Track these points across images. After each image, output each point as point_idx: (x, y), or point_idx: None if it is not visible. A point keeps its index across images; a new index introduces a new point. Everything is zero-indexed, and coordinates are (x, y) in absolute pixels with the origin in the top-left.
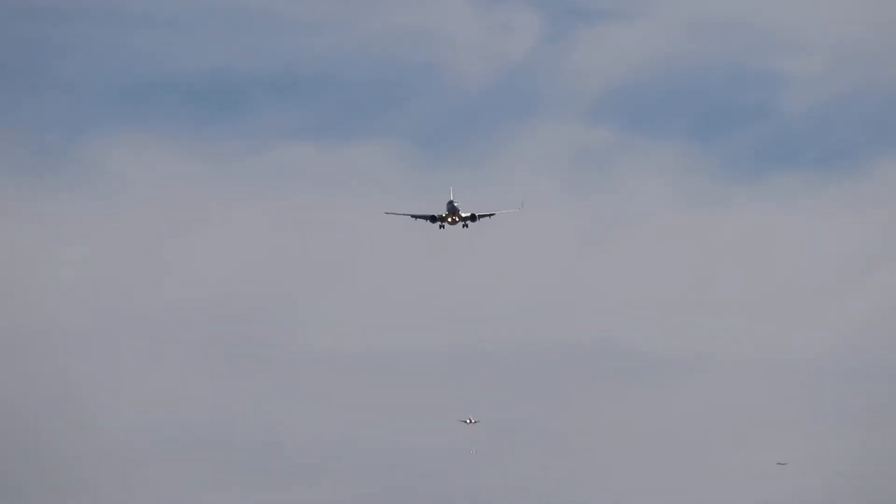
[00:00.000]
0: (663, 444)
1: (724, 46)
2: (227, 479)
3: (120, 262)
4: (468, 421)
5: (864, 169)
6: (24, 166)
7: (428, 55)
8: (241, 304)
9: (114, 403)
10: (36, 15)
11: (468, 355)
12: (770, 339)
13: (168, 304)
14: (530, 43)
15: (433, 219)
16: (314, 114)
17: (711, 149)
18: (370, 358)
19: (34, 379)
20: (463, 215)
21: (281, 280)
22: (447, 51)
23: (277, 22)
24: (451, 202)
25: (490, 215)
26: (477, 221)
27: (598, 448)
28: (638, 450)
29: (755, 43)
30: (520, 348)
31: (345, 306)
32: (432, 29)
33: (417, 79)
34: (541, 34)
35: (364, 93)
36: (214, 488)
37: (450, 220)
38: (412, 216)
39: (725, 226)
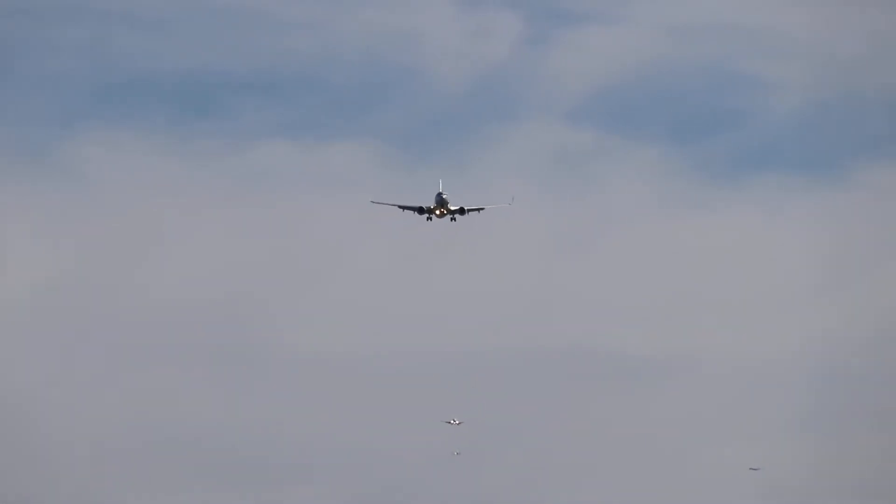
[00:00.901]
0: (644, 448)
1: (704, 50)
2: (213, 482)
3: (98, 261)
4: (452, 422)
5: (845, 174)
6: (0, 163)
7: (408, 56)
8: (220, 305)
9: (91, 407)
10: (14, 12)
11: (450, 357)
12: (750, 343)
13: (147, 304)
14: (511, 45)
15: (421, 210)
16: (294, 114)
17: (692, 152)
18: (352, 359)
19: (9, 382)
20: (452, 208)
21: (261, 281)
22: (428, 52)
23: (258, 22)
24: (439, 194)
25: (479, 209)
26: (466, 215)
27: (579, 450)
28: (619, 453)
29: (736, 46)
30: (498, 350)
31: (326, 307)
32: (413, 30)
33: (398, 80)
34: (521, 36)
35: (344, 93)
36: (200, 490)
37: (438, 212)
38: (400, 207)
39: (705, 229)
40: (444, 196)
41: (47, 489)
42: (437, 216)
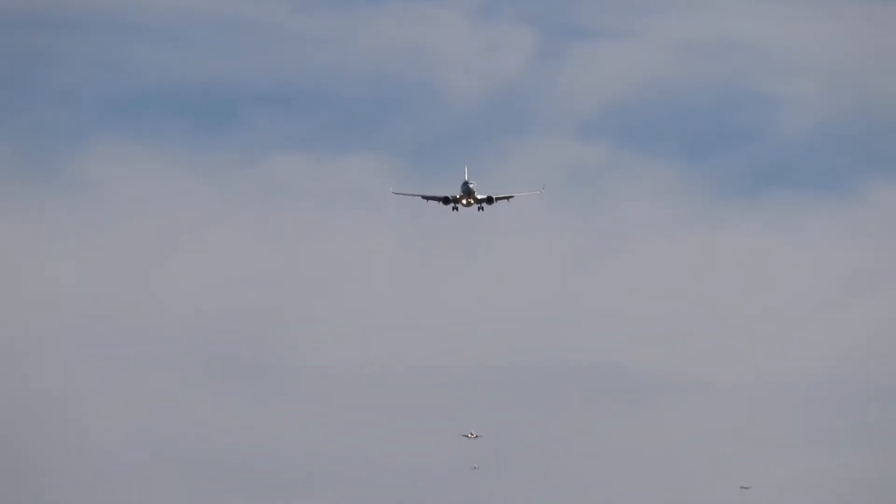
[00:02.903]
0: (658, 464)
1: (717, 66)
2: (231, 495)
3: (111, 273)
4: (470, 435)
5: (857, 192)
6: (15, 176)
7: (422, 71)
8: (233, 317)
9: (101, 417)
10: (29, 25)
11: (458, 371)
12: (760, 361)
13: (161, 316)
14: (523, 60)
15: (446, 200)
16: (308, 127)
17: (704, 168)
18: (367, 372)
19: (18, 392)
20: (479, 197)
21: (274, 294)
22: (441, 67)
23: (272, 35)
24: (465, 183)
25: (508, 198)
26: (494, 204)
27: (592, 465)
28: (633, 468)
29: (749, 64)
30: (507, 366)
31: (339, 319)
32: (427, 45)
33: (411, 94)
34: (534, 51)
35: (358, 107)
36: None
37: (464, 202)
38: (424, 197)
39: (717, 246)
40: (470, 185)
41: (49, 497)
42: (464, 205)
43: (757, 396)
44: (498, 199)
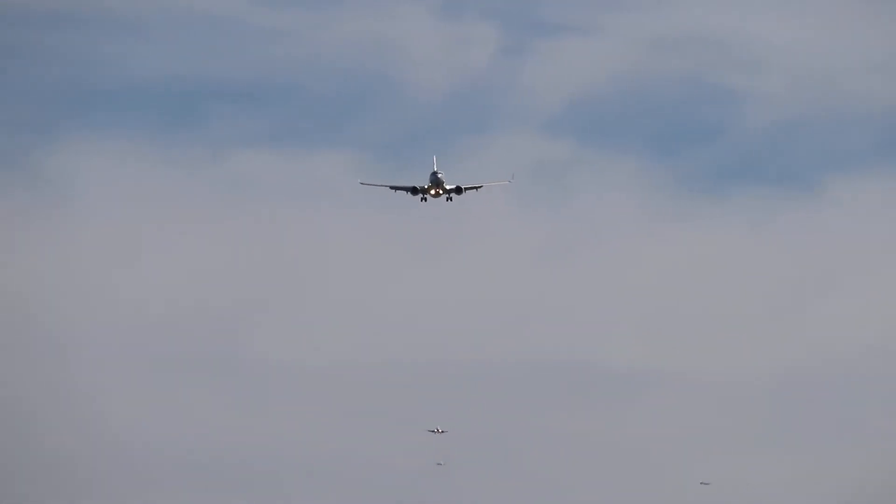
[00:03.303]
0: (623, 460)
1: (683, 62)
2: (194, 490)
3: (79, 269)
4: (436, 430)
5: (823, 187)
6: None
7: (387, 66)
8: (201, 313)
9: (75, 414)
10: None
11: (425, 366)
12: (726, 357)
13: (129, 312)
14: (489, 55)
15: (415, 191)
16: (275, 122)
17: (670, 164)
18: (332, 367)
19: None
20: (448, 187)
21: (241, 290)
22: (406, 62)
23: (239, 30)
24: (434, 173)
25: (477, 188)
26: (463, 194)
27: (559, 461)
28: (598, 465)
29: (714, 59)
30: (472, 361)
31: (306, 316)
32: (392, 40)
33: (377, 89)
34: (499, 47)
35: (323, 103)
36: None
37: (433, 192)
38: (391, 187)
39: (682, 241)
40: (439, 175)
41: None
42: (433, 196)
43: (723, 392)
44: (467, 188)
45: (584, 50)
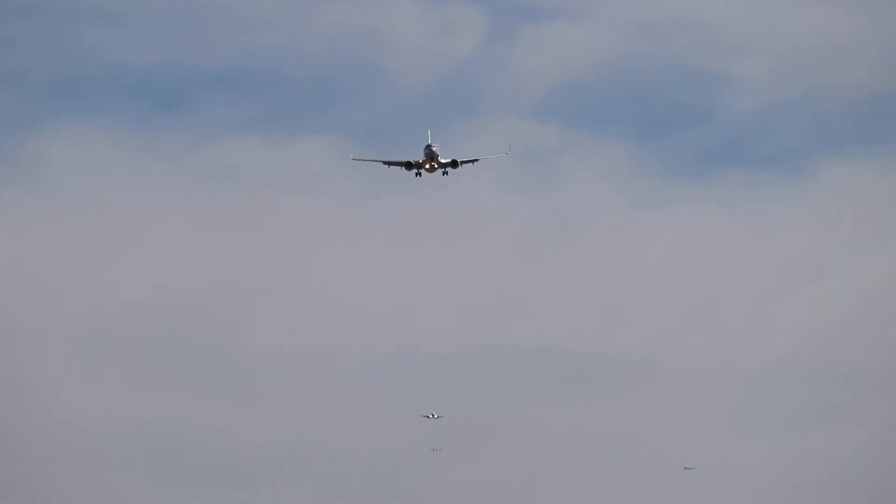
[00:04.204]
0: (613, 445)
1: (669, 46)
2: (184, 480)
3: (63, 257)
4: (431, 416)
5: (808, 171)
6: None
7: (373, 53)
8: (188, 301)
9: (60, 405)
10: None
11: (420, 352)
12: (711, 341)
13: (114, 302)
14: (475, 42)
15: (409, 165)
16: (260, 110)
17: (656, 148)
18: (326, 353)
19: None
20: (443, 161)
21: (230, 277)
22: (392, 49)
23: (225, 17)
24: (428, 146)
25: (473, 161)
26: (459, 168)
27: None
28: (591, 449)
29: (700, 43)
30: (456, 348)
31: (296, 303)
32: (378, 27)
33: (363, 76)
34: (485, 33)
35: (310, 90)
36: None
37: (427, 166)
38: (385, 162)
39: (669, 225)
40: (433, 148)
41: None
42: (427, 170)
43: (709, 378)
44: (463, 162)
45: (570, 35)
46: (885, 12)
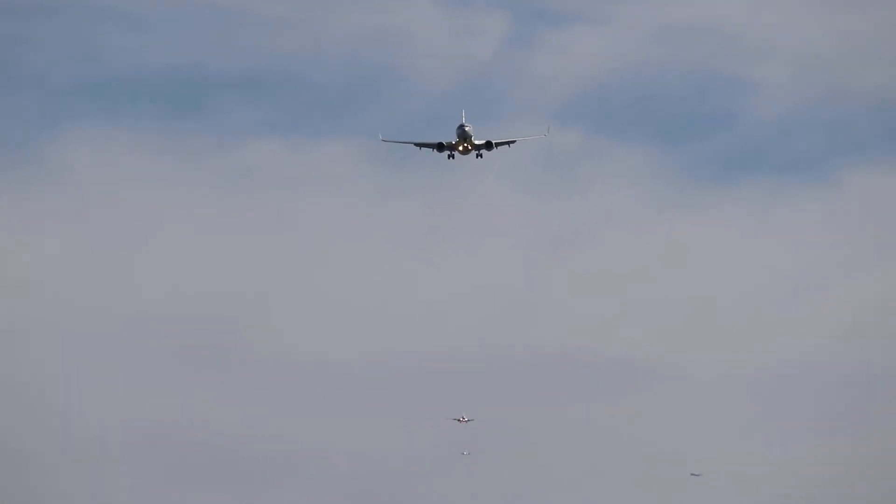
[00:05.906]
0: (633, 450)
1: (691, 51)
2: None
3: (86, 260)
4: (461, 419)
5: (832, 177)
6: None
7: (394, 56)
8: (210, 303)
9: (76, 405)
10: (2, 9)
11: (448, 355)
12: (735, 347)
13: (136, 303)
14: (496, 45)
15: (440, 147)
16: (282, 112)
17: (678, 154)
18: (354, 357)
19: None
20: (477, 143)
21: (253, 280)
22: (413, 52)
23: (246, 20)
24: (461, 126)
25: (510, 143)
26: (494, 150)
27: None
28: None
29: (723, 49)
30: (477, 351)
31: (320, 305)
32: (399, 30)
33: (384, 79)
34: (507, 37)
35: (331, 92)
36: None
37: (461, 148)
38: (416, 144)
39: (691, 231)
40: (466, 128)
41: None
42: (461, 152)
43: (732, 383)
44: (498, 144)
45: (592, 40)
46: None
